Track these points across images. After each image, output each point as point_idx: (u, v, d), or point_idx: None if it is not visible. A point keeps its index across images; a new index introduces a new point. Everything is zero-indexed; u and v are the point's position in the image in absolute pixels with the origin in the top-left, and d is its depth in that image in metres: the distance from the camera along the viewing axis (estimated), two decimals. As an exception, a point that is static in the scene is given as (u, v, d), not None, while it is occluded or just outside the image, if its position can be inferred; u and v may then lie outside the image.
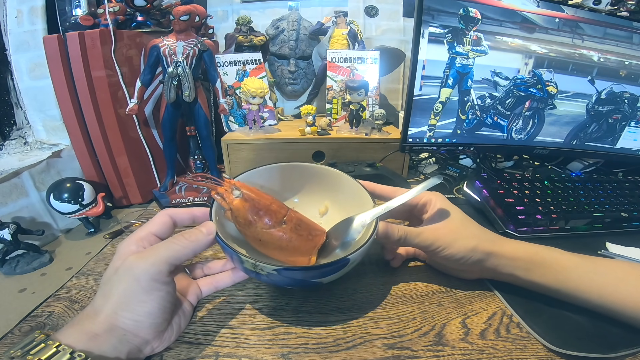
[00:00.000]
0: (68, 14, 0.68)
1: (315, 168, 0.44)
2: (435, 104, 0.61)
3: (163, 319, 0.29)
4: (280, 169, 0.43)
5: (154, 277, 0.27)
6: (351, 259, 0.31)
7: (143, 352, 0.29)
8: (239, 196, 0.35)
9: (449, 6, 0.56)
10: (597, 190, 0.58)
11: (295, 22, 0.95)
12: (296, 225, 0.37)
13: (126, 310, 0.27)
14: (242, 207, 0.34)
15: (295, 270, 0.32)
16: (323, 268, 0.32)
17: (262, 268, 0.30)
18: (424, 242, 0.36)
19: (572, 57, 0.62)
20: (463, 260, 0.36)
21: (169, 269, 0.28)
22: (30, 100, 0.68)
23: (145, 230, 0.31)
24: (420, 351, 0.31)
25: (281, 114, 0.96)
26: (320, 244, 0.38)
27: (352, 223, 0.36)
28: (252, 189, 0.36)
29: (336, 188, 0.44)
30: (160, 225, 0.32)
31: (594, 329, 0.33)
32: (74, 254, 0.52)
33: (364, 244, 0.32)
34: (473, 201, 0.58)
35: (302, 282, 0.34)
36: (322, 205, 0.46)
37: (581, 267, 0.34)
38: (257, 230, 0.35)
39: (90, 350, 0.24)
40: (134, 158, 0.65)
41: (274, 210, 0.36)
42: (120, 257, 0.29)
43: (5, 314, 0.37)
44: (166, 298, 0.28)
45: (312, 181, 0.45)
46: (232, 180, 0.36)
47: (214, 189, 0.35)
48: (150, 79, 0.61)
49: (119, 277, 0.27)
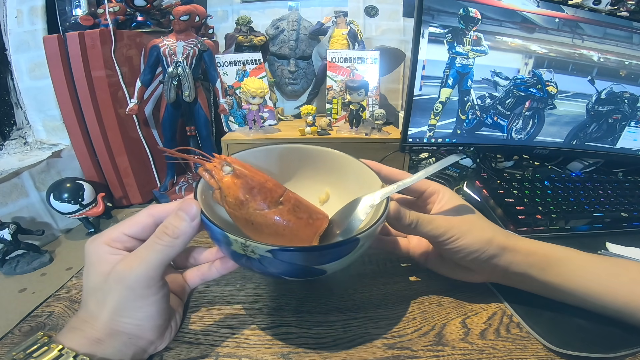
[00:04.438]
0: (68, 14, 0.68)
1: (315, 150, 0.40)
2: (435, 104, 0.61)
3: (164, 319, 0.29)
4: (277, 150, 0.39)
5: (147, 284, 0.26)
6: (361, 239, 0.27)
7: (147, 352, 0.29)
8: (230, 172, 0.30)
9: (449, 6, 0.56)
10: (597, 190, 0.58)
11: (295, 22, 0.95)
12: (294, 207, 0.32)
13: (125, 317, 0.26)
14: (232, 185, 0.30)
15: (293, 252, 0.27)
16: (327, 249, 0.28)
17: (253, 249, 0.25)
18: (437, 230, 0.33)
19: (572, 57, 0.62)
20: (477, 254, 0.33)
21: (160, 274, 0.27)
22: (30, 100, 0.68)
23: (117, 231, 0.28)
24: (420, 351, 0.31)
25: (281, 114, 0.96)
26: (322, 229, 0.33)
27: (358, 204, 0.32)
28: (245, 165, 0.32)
29: (339, 171, 0.39)
30: (137, 227, 0.29)
31: (594, 329, 0.33)
32: (74, 254, 0.52)
33: (375, 223, 0.28)
34: (473, 201, 0.57)
35: (302, 270, 0.29)
36: (323, 192, 0.41)
37: (597, 267, 0.33)
38: (250, 212, 0.31)
39: (94, 354, 0.24)
40: (134, 158, 0.65)
41: (269, 188, 0.32)
42: (102, 260, 0.27)
43: (5, 314, 0.37)
44: (163, 300, 0.28)
45: (311, 165, 0.40)
46: (222, 156, 0.32)
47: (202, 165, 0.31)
48: (150, 79, 0.61)
49: (110, 287, 0.26)
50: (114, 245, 0.28)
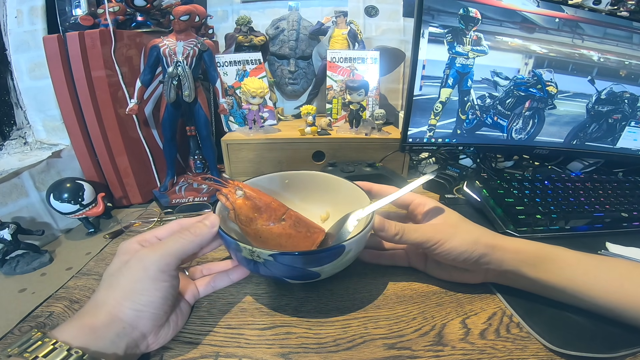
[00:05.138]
0: (68, 14, 0.68)
1: (314, 175, 0.47)
2: (435, 104, 0.61)
3: (163, 311, 0.30)
4: (281, 177, 0.46)
5: (161, 268, 0.29)
6: (346, 246, 0.32)
7: (139, 348, 0.29)
8: (242, 195, 0.37)
9: (449, 6, 0.56)
10: (597, 190, 0.58)
11: (295, 22, 0.95)
12: (295, 223, 0.39)
13: (129, 300, 0.28)
14: (243, 205, 0.37)
15: (290, 256, 0.32)
16: (317, 254, 0.34)
17: (258, 254, 0.31)
18: (422, 237, 0.35)
19: (572, 57, 0.62)
20: (465, 255, 0.35)
21: (176, 262, 0.30)
22: (30, 100, 0.68)
23: (150, 234, 0.33)
24: (420, 351, 0.31)
25: (281, 114, 0.96)
26: (319, 241, 0.39)
27: (348, 219, 0.37)
28: (254, 189, 0.39)
29: (335, 193, 0.46)
30: (167, 232, 0.34)
31: (594, 329, 0.33)
32: (74, 254, 0.52)
33: (359, 233, 0.34)
34: (473, 201, 0.57)
35: (300, 272, 0.34)
36: (324, 211, 0.47)
37: (586, 264, 0.34)
38: (258, 227, 0.37)
39: (87, 347, 0.25)
40: (134, 158, 0.65)
41: (274, 207, 0.38)
42: (128, 252, 0.30)
43: (5, 314, 0.37)
44: (169, 290, 0.30)
45: (312, 188, 0.47)
46: (236, 182, 0.39)
47: (218, 190, 0.38)
48: (150, 79, 0.61)
49: (128, 267, 0.29)
50: (143, 244, 0.32)
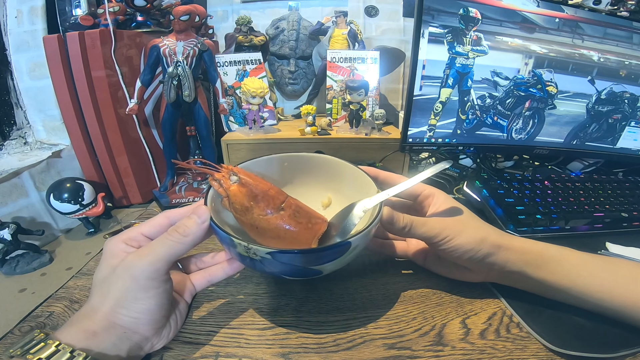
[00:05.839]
0: (68, 14, 0.68)
1: (315, 158, 0.42)
2: (435, 104, 0.61)
3: (161, 315, 0.29)
4: (279, 159, 0.42)
5: (151, 276, 0.27)
6: (352, 243, 0.29)
7: (143, 349, 0.29)
8: (236, 182, 0.33)
9: (449, 6, 0.56)
10: (597, 190, 0.58)
11: (295, 22, 0.95)
12: (295, 212, 0.35)
13: (124, 308, 0.27)
14: (239, 192, 0.33)
15: (290, 254, 0.29)
16: (320, 252, 0.30)
17: (255, 252, 0.28)
18: (431, 232, 0.34)
19: (572, 57, 0.62)
20: (471, 253, 0.34)
21: (166, 267, 0.28)
22: (30, 100, 0.68)
23: (135, 231, 0.30)
24: (420, 351, 0.31)
25: (281, 114, 0.96)
26: (321, 233, 0.35)
27: (353, 209, 0.34)
28: (250, 175, 0.35)
29: (338, 178, 0.41)
30: (154, 227, 0.31)
31: (594, 329, 0.33)
32: (74, 254, 0.52)
33: (367, 227, 0.30)
34: (473, 201, 0.57)
35: (300, 270, 0.31)
36: (325, 197, 0.43)
37: (592, 265, 0.34)
38: (254, 217, 0.33)
39: (90, 349, 0.25)
40: (134, 158, 0.65)
41: (272, 195, 0.34)
42: (115, 255, 0.28)
43: (5, 314, 0.37)
44: (163, 295, 0.28)
45: (313, 172, 0.42)
46: (229, 166, 0.35)
47: (211, 175, 0.34)
48: (150, 79, 0.61)
49: (117, 276, 0.27)
50: (130, 243, 0.29)
